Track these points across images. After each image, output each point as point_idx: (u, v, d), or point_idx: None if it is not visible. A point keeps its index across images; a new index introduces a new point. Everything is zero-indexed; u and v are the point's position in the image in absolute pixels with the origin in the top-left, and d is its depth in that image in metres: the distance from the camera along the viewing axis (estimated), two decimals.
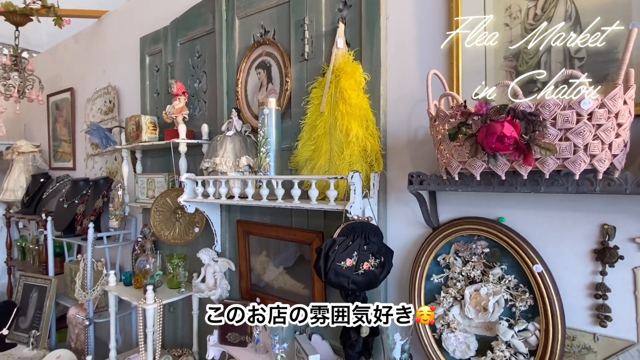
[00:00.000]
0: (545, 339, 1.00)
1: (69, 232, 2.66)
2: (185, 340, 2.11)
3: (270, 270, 1.66)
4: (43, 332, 2.53)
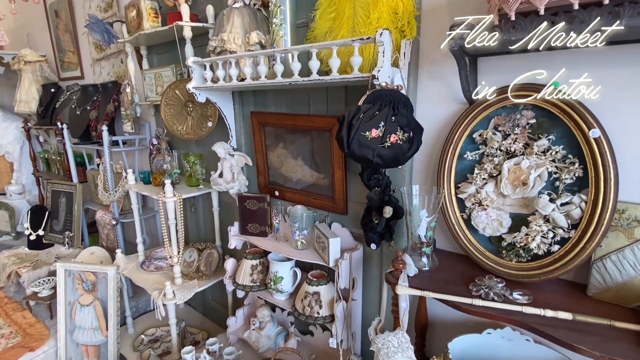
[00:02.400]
0: (592, 211, 0.91)
1: (86, 140, 2.66)
2: (208, 237, 2.18)
3: (288, 163, 1.59)
4: (76, 233, 2.68)
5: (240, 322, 1.82)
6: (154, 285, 1.81)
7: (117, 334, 1.99)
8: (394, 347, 1.06)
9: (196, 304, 2.44)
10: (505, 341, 1.14)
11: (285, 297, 1.52)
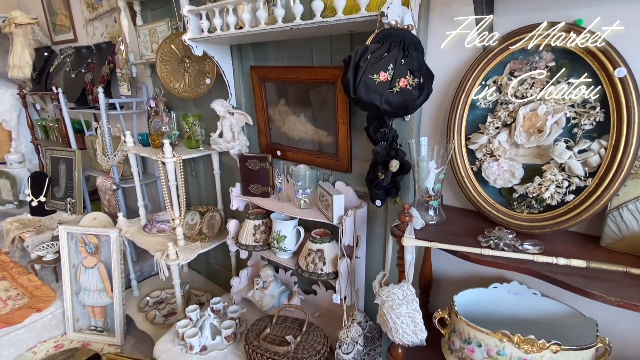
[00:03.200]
0: (612, 158, 0.86)
1: (82, 104, 2.59)
2: (210, 200, 2.16)
3: (289, 121, 1.54)
4: (77, 199, 2.66)
5: (244, 283, 1.83)
6: (157, 247, 1.81)
7: (123, 295, 2.01)
8: (398, 300, 1.05)
9: (200, 267, 2.46)
10: (511, 295, 1.13)
11: (288, 256, 1.51)
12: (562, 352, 0.89)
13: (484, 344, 0.96)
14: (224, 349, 1.47)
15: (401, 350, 1.17)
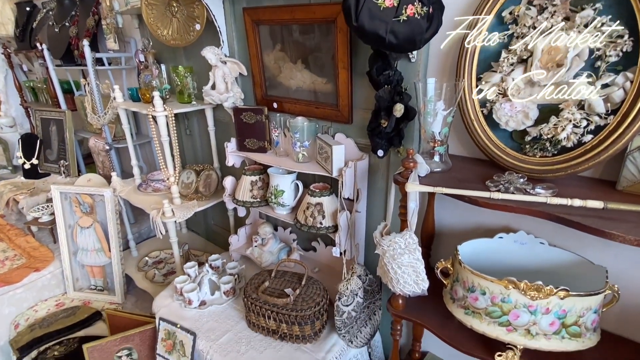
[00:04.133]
0: (638, 91, 0.78)
1: (69, 62, 2.46)
2: (205, 159, 2.09)
3: (286, 68, 1.44)
4: (71, 162, 2.60)
5: (243, 241, 1.80)
6: (152, 206, 1.76)
7: (121, 255, 2.00)
8: (400, 249, 1.01)
9: (199, 229, 2.44)
10: (517, 245, 1.09)
11: (287, 212, 1.47)
12: (570, 299, 0.86)
13: (489, 292, 0.93)
14: (223, 304, 1.46)
15: (402, 301, 1.15)
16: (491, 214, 1.16)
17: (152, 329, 1.45)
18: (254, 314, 1.29)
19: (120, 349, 1.43)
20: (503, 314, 0.92)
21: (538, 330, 0.89)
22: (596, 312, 0.90)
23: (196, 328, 1.33)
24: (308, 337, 1.24)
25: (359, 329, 1.32)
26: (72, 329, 1.78)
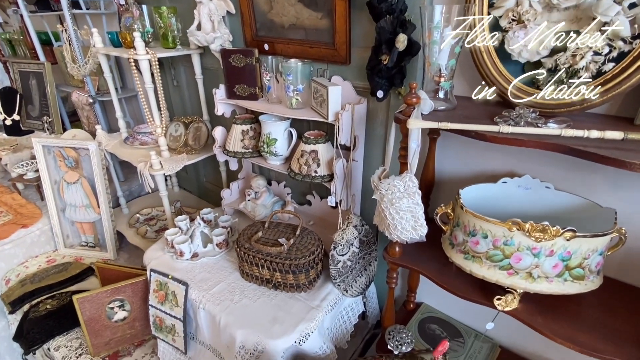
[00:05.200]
0: None
1: (44, 8, 2.28)
2: (194, 112, 1.99)
3: (277, 3, 1.31)
4: (54, 118, 2.47)
5: (235, 195, 1.75)
6: (140, 159, 1.68)
7: (110, 211, 1.94)
8: (399, 192, 0.96)
9: (191, 186, 2.38)
10: (522, 190, 1.04)
11: (280, 162, 1.40)
12: (576, 240, 0.82)
13: (491, 235, 0.89)
14: (216, 256, 1.43)
15: (398, 248, 1.11)
16: (495, 159, 1.10)
17: (144, 280, 1.43)
18: (247, 264, 1.25)
19: (112, 300, 1.41)
20: (505, 258, 0.88)
21: (540, 273, 0.86)
22: (601, 255, 0.86)
23: (188, 279, 1.30)
24: (302, 286, 1.22)
25: (354, 278, 1.30)
26: (64, 284, 1.76)
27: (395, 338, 0.85)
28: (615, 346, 0.82)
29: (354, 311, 1.35)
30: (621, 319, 0.89)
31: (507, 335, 1.32)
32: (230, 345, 1.14)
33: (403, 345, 0.83)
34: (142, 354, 1.47)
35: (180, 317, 1.29)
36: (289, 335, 1.08)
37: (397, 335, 0.86)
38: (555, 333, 0.86)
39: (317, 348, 1.14)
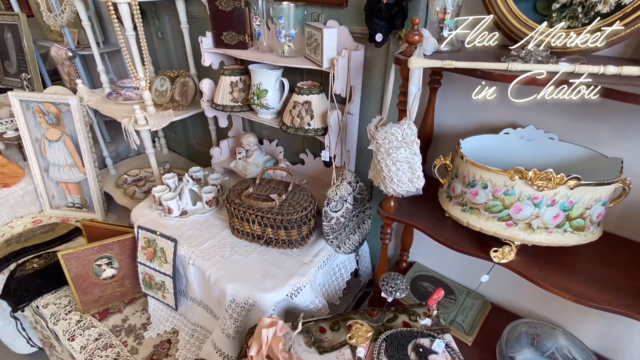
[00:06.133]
0: None
1: None
2: (181, 67, 1.88)
3: None
4: (34, 75, 2.33)
5: (226, 154, 1.69)
6: (124, 114, 1.60)
7: (96, 171, 1.87)
8: (397, 141, 0.90)
9: (180, 148, 2.31)
10: (524, 142, 1.00)
11: (271, 116, 1.33)
12: (580, 189, 0.78)
13: (491, 185, 0.85)
14: (206, 213, 1.39)
15: (393, 203, 1.08)
16: (498, 109, 1.05)
17: (132, 238, 1.39)
18: (238, 220, 1.21)
19: (99, 258, 1.37)
20: (504, 208, 0.85)
21: (540, 223, 0.83)
22: (604, 205, 0.83)
23: (177, 236, 1.27)
24: (294, 242, 1.19)
25: (347, 236, 1.27)
26: (50, 244, 1.72)
27: (389, 284, 0.83)
28: (611, 296, 0.80)
29: (346, 268, 1.33)
30: (618, 272, 0.87)
31: (498, 292, 1.33)
32: (221, 299, 1.12)
33: (397, 291, 0.81)
34: (133, 311, 1.46)
35: (170, 274, 1.26)
36: (281, 289, 1.06)
37: (391, 281, 0.84)
38: (552, 284, 0.84)
39: (309, 302, 1.12)
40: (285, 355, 0.85)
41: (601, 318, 1.12)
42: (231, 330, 1.08)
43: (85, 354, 1.27)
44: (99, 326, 1.38)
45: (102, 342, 1.32)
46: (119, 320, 1.42)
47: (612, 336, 1.13)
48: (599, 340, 1.15)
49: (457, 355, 0.94)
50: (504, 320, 1.20)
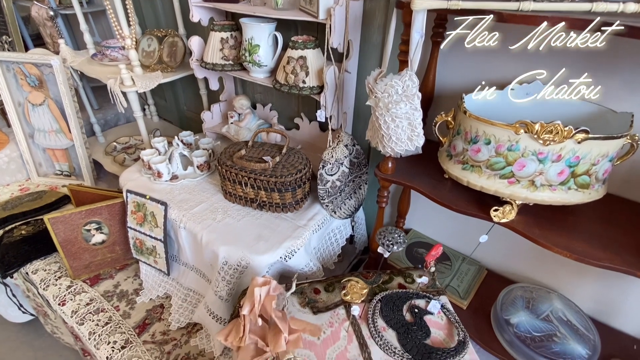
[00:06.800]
0: None
1: None
2: (169, 26, 1.79)
3: None
4: (15, 37, 2.21)
5: (217, 119, 1.63)
6: (109, 75, 1.52)
7: (84, 137, 1.81)
8: (397, 95, 0.86)
9: (171, 116, 2.23)
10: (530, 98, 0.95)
11: (264, 74, 1.26)
12: (587, 143, 0.75)
13: (494, 140, 0.81)
14: (197, 178, 1.34)
15: (391, 164, 1.04)
16: (502, 64, 1.00)
17: (121, 203, 1.35)
18: (230, 182, 1.17)
19: (88, 222, 1.33)
20: (507, 165, 0.81)
21: (544, 181, 0.80)
22: (611, 161, 0.80)
23: (167, 200, 1.23)
24: (289, 206, 1.16)
25: (343, 200, 1.24)
26: (38, 211, 1.67)
27: (386, 237, 0.80)
28: (613, 254, 0.78)
29: (342, 233, 1.31)
30: (620, 231, 0.85)
31: (494, 259, 1.32)
32: (214, 263, 1.10)
33: (395, 244, 0.78)
34: (125, 277, 1.43)
35: (161, 238, 1.23)
36: (275, 251, 1.04)
37: (388, 235, 0.81)
38: (552, 243, 0.82)
39: (303, 265, 1.10)
40: (278, 314, 0.83)
41: (596, 283, 1.12)
42: (224, 293, 1.06)
43: (77, 317, 1.26)
44: (90, 291, 1.36)
45: (93, 306, 1.30)
46: (110, 286, 1.40)
47: (606, 300, 1.13)
48: (593, 304, 1.15)
49: (452, 316, 0.93)
50: (500, 286, 1.19)
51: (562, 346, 1.00)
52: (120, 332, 1.22)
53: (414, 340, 0.86)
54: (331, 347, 0.84)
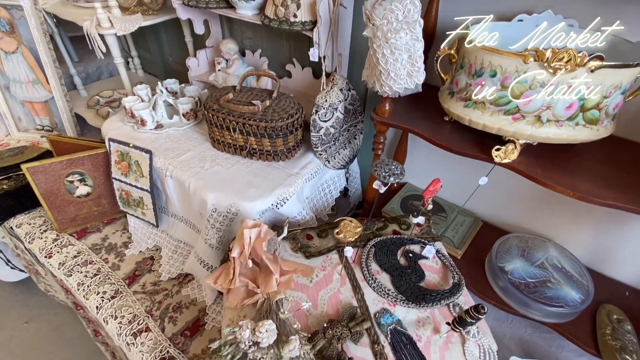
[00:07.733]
0: None
1: None
2: None
3: None
4: None
5: (204, 68, 1.53)
6: (86, 17, 1.40)
7: (64, 89, 1.71)
8: (397, 22, 0.78)
9: (156, 70, 2.12)
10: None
11: (252, 11, 1.16)
12: (601, 72, 0.69)
13: (500, 71, 0.75)
14: (183, 127, 1.28)
15: (389, 106, 0.98)
16: None
17: (104, 153, 1.28)
18: (217, 128, 1.11)
19: (70, 173, 1.27)
20: (513, 99, 0.76)
21: (550, 116, 0.75)
22: (623, 94, 0.75)
23: (153, 148, 1.17)
24: (280, 153, 1.11)
25: (337, 150, 1.19)
26: (20, 166, 1.61)
27: (383, 169, 0.76)
28: (617, 193, 0.75)
29: (335, 185, 1.27)
30: (625, 171, 0.82)
31: (489, 211, 1.30)
32: (202, 211, 1.06)
33: (391, 176, 0.74)
34: (113, 230, 1.40)
35: (147, 188, 1.18)
36: (266, 198, 1.00)
37: (384, 166, 0.77)
38: (555, 182, 0.78)
39: (295, 212, 1.07)
40: (269, 257, 0.80)
41: (593, 232, 1.10)
42: (214, 241, 1.03)
43: (64, 269, 1.23)
44: (77, 244, 1.33)
45: (81, 259, 1.27)
46: (98, 239, 1.36)
47: (601, 249, 1.12)
48: (588, 253, 1.14)
49: (447, 260, 0.91)
50: (495, 237, 1.17)
51: (555, 291, 1.00)
52: (109, 283, 1.20)
53: (407, 282, 0.84)
54: (324, 289, 0.82)
